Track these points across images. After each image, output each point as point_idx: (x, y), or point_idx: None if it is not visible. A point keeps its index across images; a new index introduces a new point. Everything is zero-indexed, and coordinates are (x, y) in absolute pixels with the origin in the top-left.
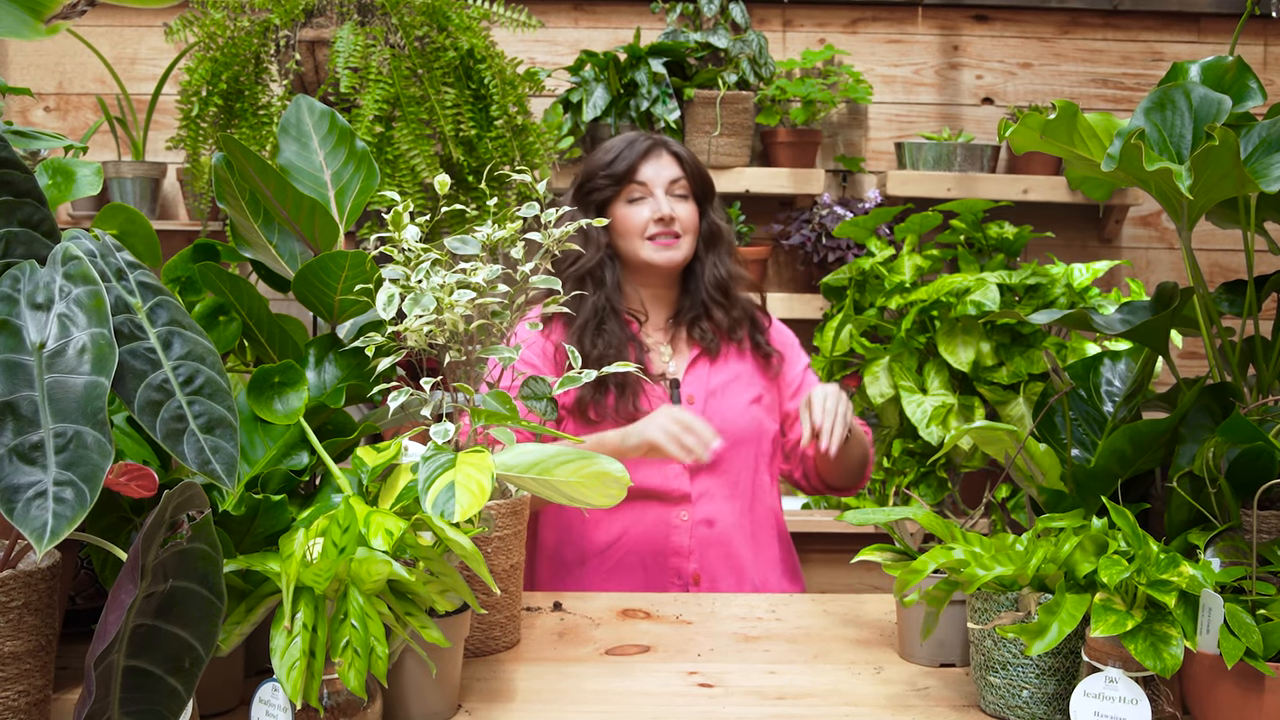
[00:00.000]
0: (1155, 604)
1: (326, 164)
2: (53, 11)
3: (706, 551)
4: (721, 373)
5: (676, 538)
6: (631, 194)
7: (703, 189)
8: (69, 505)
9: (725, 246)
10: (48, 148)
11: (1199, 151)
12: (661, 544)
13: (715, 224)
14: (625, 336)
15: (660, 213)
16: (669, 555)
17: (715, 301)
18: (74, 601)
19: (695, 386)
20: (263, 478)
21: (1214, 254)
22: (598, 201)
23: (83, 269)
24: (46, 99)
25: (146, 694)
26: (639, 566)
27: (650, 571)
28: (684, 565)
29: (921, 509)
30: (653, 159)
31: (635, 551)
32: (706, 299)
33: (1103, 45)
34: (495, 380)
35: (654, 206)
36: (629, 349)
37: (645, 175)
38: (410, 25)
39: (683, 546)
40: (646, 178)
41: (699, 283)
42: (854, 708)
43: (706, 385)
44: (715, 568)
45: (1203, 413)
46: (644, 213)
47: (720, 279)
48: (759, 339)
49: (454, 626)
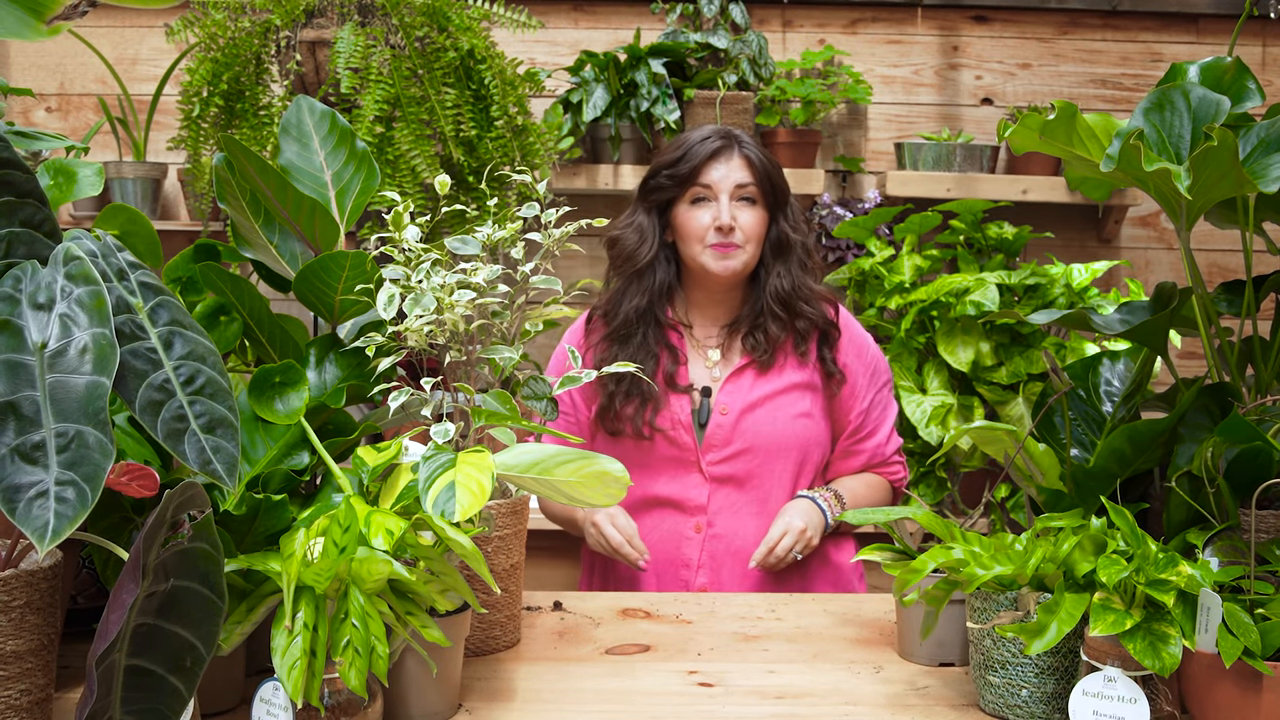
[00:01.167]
0: (1154, 603)
1: (327, 164)
2: (54, 12)
3: (718, 564)
4: (769, 383)
5: (687, 549)
6: (695, 195)
7: (774, 194)
8: (70, 505)
9: (796, 257)
10: (49, 148)
11: (1198, 152)
12: (672, 554)
13: (785, 233)
14: (658, 345)
15: (720, 221)
16: (678, 566)
17: (773, 314)
18: (75, 601)
19: (732, 397)
20: (264, 477)
21: (1212, 254)
22: (659, 202)
23: (84, 269)
24: (48, 100)
25: (148, 693)
26: (651, 574)
27: (664, 580)
28: (691, 577)
29: (921, 509)
30: (721, 160)
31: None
32: (765, 310)
33: (1102, 46)
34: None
35: (715, 213)
36: (659, 358)
37: (711, 178)
38: (411, 26)
39: (691, 559)
40: (712, 180)
41: (760, 292)
42: (854, 707)
43: (746, 396)
44: (727, 582)
45: (1201, 413)
46: (705, 218)
47: (782, 291)
48: (826, 354)
49: (454, 626)
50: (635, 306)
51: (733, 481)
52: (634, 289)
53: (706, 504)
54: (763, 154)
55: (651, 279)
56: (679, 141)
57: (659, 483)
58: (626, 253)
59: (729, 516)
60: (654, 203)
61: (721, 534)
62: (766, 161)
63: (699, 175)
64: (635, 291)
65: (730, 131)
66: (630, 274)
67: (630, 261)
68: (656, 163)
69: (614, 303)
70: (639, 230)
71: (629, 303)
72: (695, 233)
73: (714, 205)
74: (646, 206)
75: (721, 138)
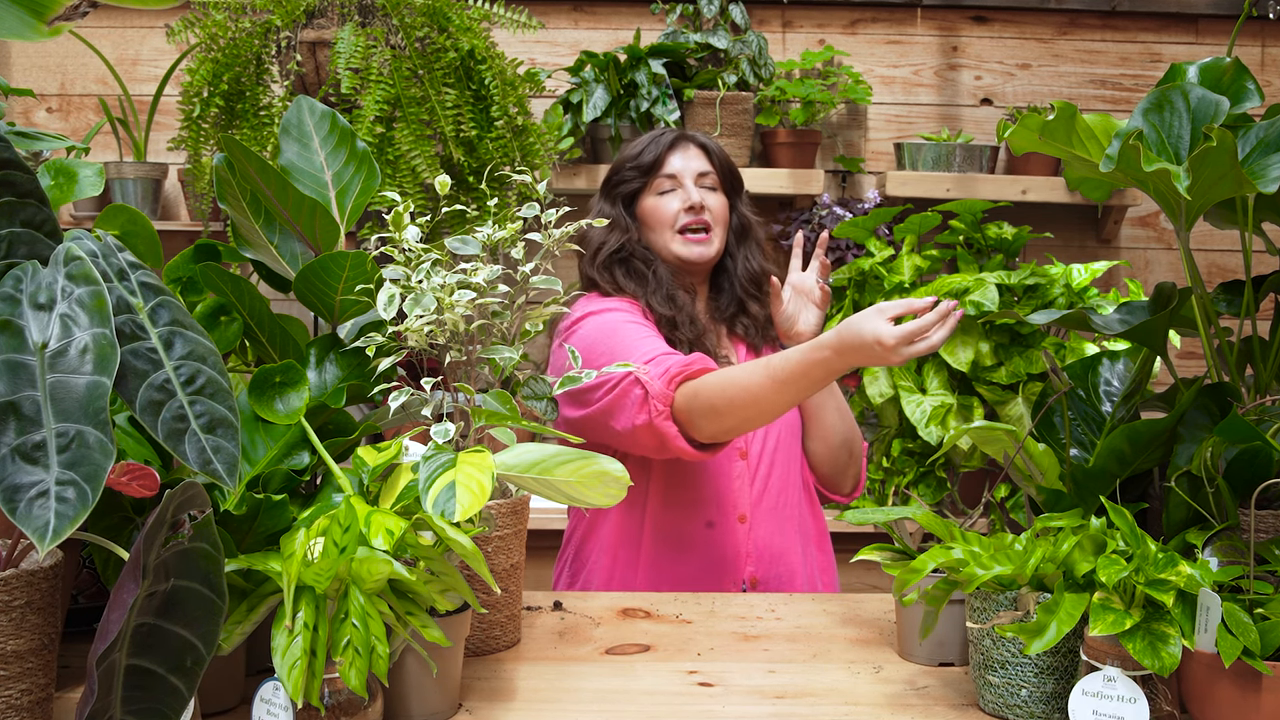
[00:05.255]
0: (1153, 603)
1: (327, 164)
2: (55, 13)
3: (761, 556)
4: None
5: (734, 541)
6: (661, 187)
7: (731, 182)
8: (71, 505)
9: (755, 240)
10: (50, 149)
11: (1197, 152)
12: (720, 549)
13: (745, 217)
14: (692, 307)
15: (690, 200)
16: (728, 560)
17: (750, 295)
18: (76, 600)
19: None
20: (264, 477)
21: (1212, 254)
22: (625, 194)
23: (85, 269)
24: (49, 100)
25: (148, 693)
26: (700, 570)
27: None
28: (741, 569)
29: (920, 508)
30: (680, 150)
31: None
32: (742, 293)
33: (1101, 46)
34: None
35: (684, 197)
36: (701, 319)
37: (674, 167)
38: (411, 26)
39: (739, 550)
40: (675, 169)
41: (732, 278)
42: (853, 707)
43: None
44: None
45: (1201, 412)
46: (674, 204)
47: (753, 272)
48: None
49: (454, 626)
50: (659, 269)
51: (769, 477)
52: (636, 267)
53: (746, 495)
54: (715, 145)
55: (649, 256)
56: (635, 142)
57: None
58: (599, 241)
59: (766, 512)
60: (619, 195)
61: (760, 524)
62: (720, 151)
63: (662, 165)
64: (642, 267)
65: (683, 129)
66: (619, 259)
67: (608, 245)
68: (617, 161)
69: (609, 286)
70: (608, 218)
71: (649, 270)
72: (665, 219)
73: (680, 192)
74: (611, 199)
75: (675, 132)
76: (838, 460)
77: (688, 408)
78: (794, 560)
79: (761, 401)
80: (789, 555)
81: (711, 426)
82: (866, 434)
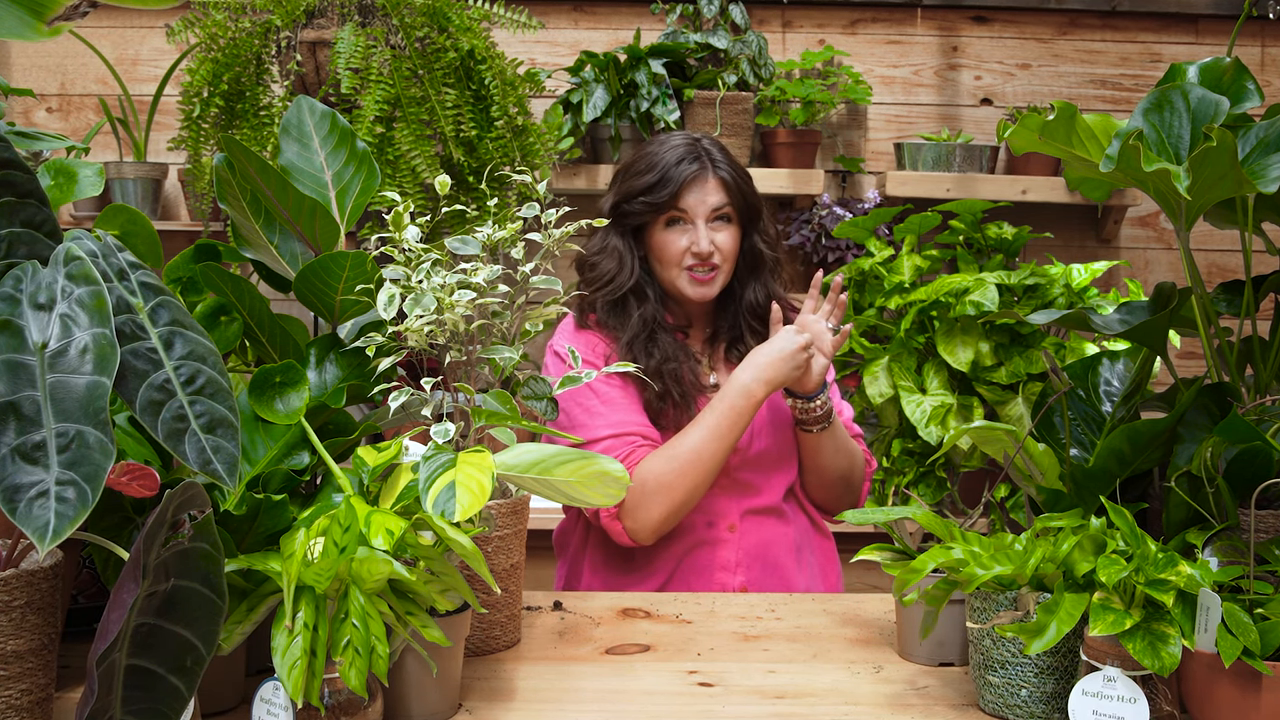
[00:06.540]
0: (1153, 603)
1: (327, 164)
2: (55, 13)
3: (751, 561)
4: None
5: (723, 552)
6: (671, 218)
7: (747, 212)
8: (71, 505)
9: (767, 269)
10: (50, 148)
11: (1197, 152)
12: (708, 558)
13: (756, 247)
14: (677, 347)
15: (698, 248)
16: (714, 570)
17: (750, 327)
18: (76, 600)
19: None
20: (264, 477)
21: (1212, 254)
22: (634, 226)
23: (85, 269)
24: (49, 100)
25: (148, 693)
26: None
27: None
28: (729, 579)
29: (920, 508)
30: (697, 187)
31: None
32: (743, 323)
33: (1101, 46)
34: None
35: (692, 238)
36: (683, 360)
37: (688, 202)
38: (411, 26)
39: (729, 560)
40: (689, 205)
41: (737, 307)
42: (853, 707)
43: None
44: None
45: (1201, 412)
46: (682, 242)
47: (756, 304)
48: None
49: (454, 626)
50: (645, 311)
51: (750, 487)
52: (632, 301)
53: (732, 507)
54: (734, 169)
55: (645, 291)
56: (650, 160)
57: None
58: (606, 277)
59: (752, 519)
60: (628, 226)
61: (748, 531)
62: (739, 177)
63: (676, 201)
64: (635, 302)
65: (701, 147)
66: (615, 299)
67: (611, 287)
68: (630, 186)
69: (616, 319)
70: (616, 254)
71: (638, 310)
72: (673, 257)
73: (690, 230)
74: (620, 230)
75: (695, 159)
76: (832, 492)
77: (640, 493)
78: (788, 567)
79: (705, 459)
80: (782, 562)
81: (663, 500)
82: (866, 434)
